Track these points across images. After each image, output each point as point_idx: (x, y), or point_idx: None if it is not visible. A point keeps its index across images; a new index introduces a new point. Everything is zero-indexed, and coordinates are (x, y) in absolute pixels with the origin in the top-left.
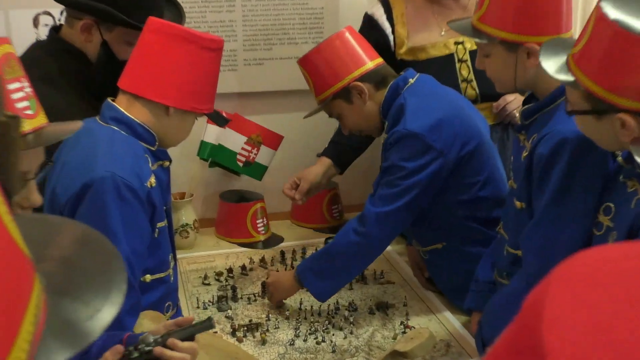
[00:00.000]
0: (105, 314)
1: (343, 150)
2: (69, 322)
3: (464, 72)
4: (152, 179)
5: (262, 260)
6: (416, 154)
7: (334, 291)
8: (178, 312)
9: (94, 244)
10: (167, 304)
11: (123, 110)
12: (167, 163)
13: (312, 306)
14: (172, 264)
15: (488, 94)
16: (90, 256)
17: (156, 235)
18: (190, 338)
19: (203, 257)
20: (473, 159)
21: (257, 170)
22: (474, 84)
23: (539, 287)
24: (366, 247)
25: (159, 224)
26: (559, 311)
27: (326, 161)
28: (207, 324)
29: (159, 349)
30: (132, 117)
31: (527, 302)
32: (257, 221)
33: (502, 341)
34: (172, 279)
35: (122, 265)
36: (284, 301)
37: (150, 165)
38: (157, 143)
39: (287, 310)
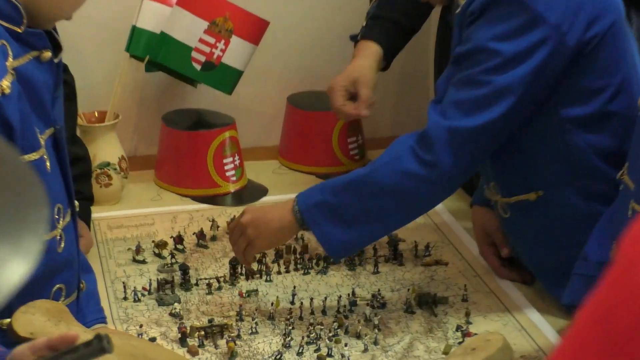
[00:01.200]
0: (13, 269)
1: (391, 29)
2: None
3: None
4: (5, 82)
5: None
6: (517, 30)
7: (356, 247)
8: (90, 305)
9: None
10: (55, 288)
11: None
12: (47, 54)
13: (311, 298)
14: (63, 221)
15: None
16: None
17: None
18: None
19: (135, 217)
20: (604, 47)
21: (225, 78)
22: None
23: None
24: (427, 186)
25: (29, 156)
26: None
27: (372, 48)
28: (96, 348)
29: None
30: None
31: None
32: (225, 161)
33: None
34: (61, 246)
35: (43, 197)
36: (265, 258)
37: (8, 58)
38: (24, 19)
39: (272, 305)
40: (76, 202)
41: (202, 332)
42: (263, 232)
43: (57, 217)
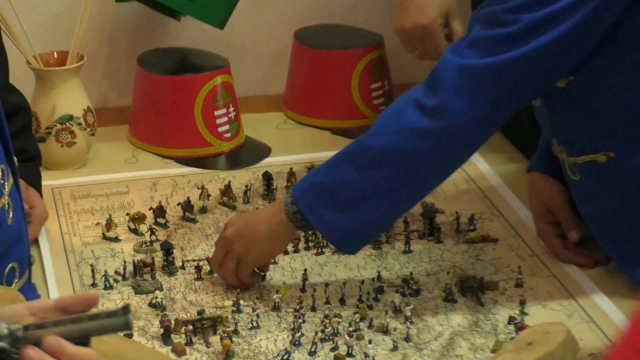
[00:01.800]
0: None
1: None
2: None
3: None
4: None
5: (226, 192)
6: None
7: (365, 234)
8: (32, 289)
9: None
10: (8, 268)
11: None
12: None
13: (326, 283)
14: (8, 185)
15: None
16: None
17: None
18: (84, 339)
19: (105, 184)
20: None
21: (215, 7)
22: None
23: None
24: (435, 142)
25: None
26: None
27: None
28: (120, 321)
29: (29, 352)
30: None
31: None
32: (217, 113)
33: None
34: (9, 217)
35: None
36: (261, 273)
37: None
38: None
39: (277, 292)
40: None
41: (190, 327)
42: (252, 243)
43: (1, 181)
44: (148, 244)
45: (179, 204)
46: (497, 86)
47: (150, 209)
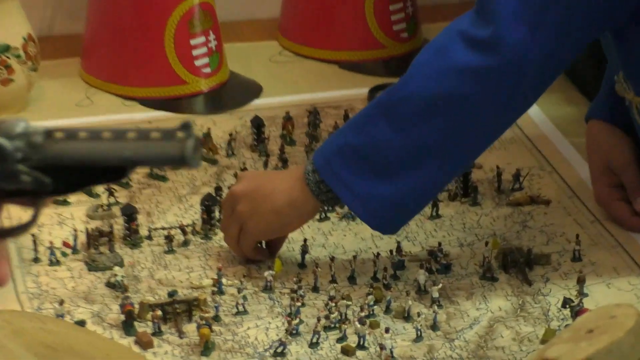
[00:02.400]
0: None
1: None
2: None
3: None
4: None
5: (205, 142)
6: None
7: (408, 207)
8: None
9: None
10: None
11: None
12: None
13: (332, 257)
14: None
15: None
16: None
17: None
18: (123, 167)
19: None
20: None
21: None
22: None
23: None
24: (491, 81)
25: None
26: None
27: None
28: (175, 148)
29: None
30: None
31: None
32: (194, 42)
33: None
34: None
35: None
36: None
37: None
38: None
39: (269, 268)
40: None
41: (159, 312)
42: (259, 211)
43: None
44: (105, 208)
45: None
46: (566, 12)
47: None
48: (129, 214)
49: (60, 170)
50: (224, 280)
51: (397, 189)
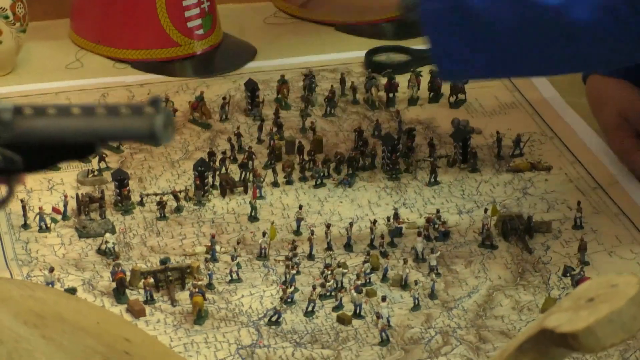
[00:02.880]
0: None
1: None
2: None
3: None
4: None
5: (198, 106)
6: None
7: (483, 73)
8: None
9: None
10: None
11: None
12: None
13: (327, 224)
14: None
15: None
16: None
17: None
18: (94, 143)
19: (40, 96)
20: None
21: None
22: None
23: None
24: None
25: None
26: None
27: None
28: (145, 124)
29: None
30: None
31: None
32: (186, 3)
33: None
34: None
35: None
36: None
37: None
38: None
39: (264, 235)
40: None
41: (151, 280)
42: None
43: None
44: (96, 173)
45: None
46: None
47: None
48: (121, 179)
49: (31, 147)
50: (217, 248)
51: (487, 60)
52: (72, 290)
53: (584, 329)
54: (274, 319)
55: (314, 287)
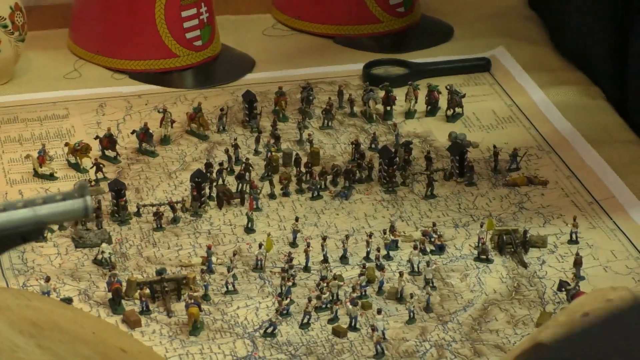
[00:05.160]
0: None
1: None
2: None
3: None
4: None
5: (195, 117)
6: None
7: None
8: None
9: None
10: None
11: None
12: None
13: (324, 237)
14: None
15: None
16: None
17: None
18: (38, 227)
19: (38, 105)
20: None
21: None
22: None
23: None
24: None
25: None
26: None
27: None
28: (77, 205)
29: None
30: None
31: None
32: (185, 14)
33: None
34: None
35: None
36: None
37: None
38: None
39: (260, 247)
40: None
41: (147, 291)
42: None
43: None
44: (93, 183)
45: (133, 131)
46: None
47: (96, 138)
48: (117, 189)
49: None
50: (213, 259)
51: None
52: (68, 300)
53: None
54: (269, 330)
55: (309, 299)
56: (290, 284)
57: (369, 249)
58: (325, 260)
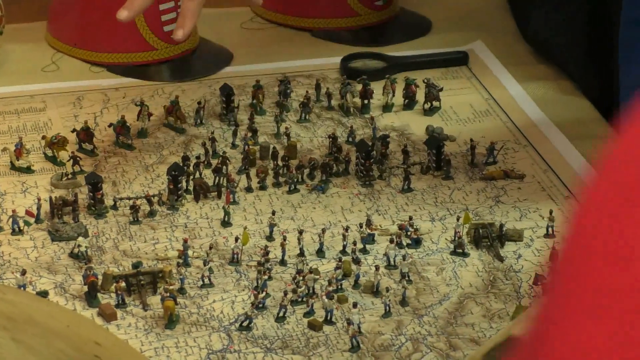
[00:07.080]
0: None
1: None
2: None
3: None
4: None
5: (172, 110)
6: None
7: None
8: None
9: None
10: None
11: None
12: None
13: (300, 230)
14: None
15: None
16: None
17: None
18: None
19: (15, 99)
20: None
21: None
22: None
23: None
24: None
25: None
26: None
27: None
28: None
29: None
30: None
31: None
32: (163, 7)
33: None
34: None
35: None
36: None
37: None
38: None
39: (237, 241)
40: None
41: (123, 284)
42: None
43: None
44: (70, 176)
45: (110, 125)
46: None
47: (73, 131)
48: (94, 182)
49: None
50: (189, 252)
51: None
52: (43, 294)
53: None
54: (245, 324)
55: (285, 293)
56: (266, 277)
57: (345, 243)
58: (301, 253)
